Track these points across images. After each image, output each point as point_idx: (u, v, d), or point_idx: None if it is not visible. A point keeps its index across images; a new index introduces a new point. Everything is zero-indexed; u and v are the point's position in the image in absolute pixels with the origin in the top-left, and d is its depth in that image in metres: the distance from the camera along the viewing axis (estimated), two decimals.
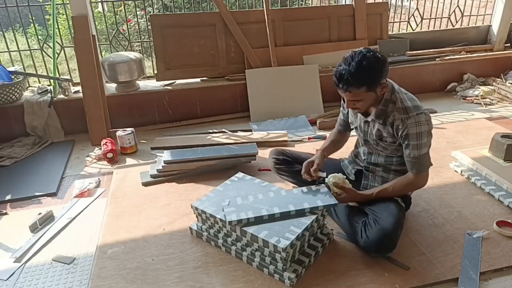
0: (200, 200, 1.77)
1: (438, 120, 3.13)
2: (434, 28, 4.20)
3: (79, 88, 3.07)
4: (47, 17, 4.28)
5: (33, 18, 3.44)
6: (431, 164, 1.72)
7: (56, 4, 3.09)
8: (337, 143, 2.05)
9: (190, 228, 1.86)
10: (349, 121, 1.93)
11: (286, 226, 1.56)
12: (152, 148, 2.81)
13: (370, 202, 1.76)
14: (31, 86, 3.35)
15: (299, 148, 2.67)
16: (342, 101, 1.92)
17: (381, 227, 1.60)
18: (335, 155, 2.16)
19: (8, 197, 2.25)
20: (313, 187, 1.78)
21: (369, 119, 1.74)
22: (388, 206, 1.70)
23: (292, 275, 1.52)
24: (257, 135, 2.94)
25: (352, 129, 1.95)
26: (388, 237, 1.60)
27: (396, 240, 1.64)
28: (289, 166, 2.11)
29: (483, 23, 4.20)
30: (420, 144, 1.64)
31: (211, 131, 3.08)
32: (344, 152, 2.16)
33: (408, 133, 1.63)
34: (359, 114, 1.80)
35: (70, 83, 3.17)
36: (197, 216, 1.80)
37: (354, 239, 1.73)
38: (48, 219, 2.03)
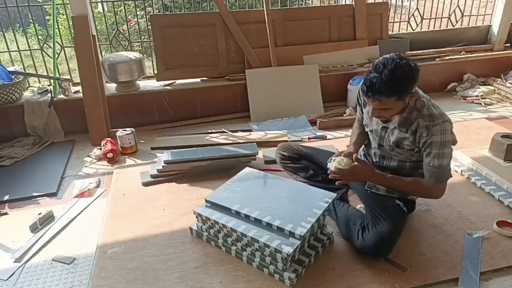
0: (213, 195, 1.78)
1: None
2: (434, 28, 4.20)
3: (79, 88, 3.07)
4: (47, 17, 4.29)
5: (33, 18, 3.45)
6: (451, 176, 1.66)
7: (56, 4, 3.09)
8: (364, 134, 1.94)
9: (190, 228, 1.86)
10: (364, 122, 1.88)
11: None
12: (152, 148, 2.81)
13: (380, 183, 1.73)
14: (31, 86, 3.35)
15: None
16: (357, 102, 1.88)
17: (378, 231, 1.59)
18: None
19: (8, 197, 2.25)
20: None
21: (390, 126, 1.69)
22: (389, 210, 1.68)
23: (292, 275, 1.52)
24: (255, 135, 2.94)
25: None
26: (384, 242, 1.59)
27: (392, 245, 1.62)
28: (295, 162, 2.10)
29: (483, 23, 4.20)
30: (442, 153, 1.57)
31: (210, 131, 3.08)
32: None
33: (432, 141, 1.57)
34: (380, 121, 1.72)
35: (70, 83, 3.17)
36: (197, 217, 1.80)
37: (350, 240, 1.72)
38: (48, 219, 2.03)
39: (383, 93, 1.48)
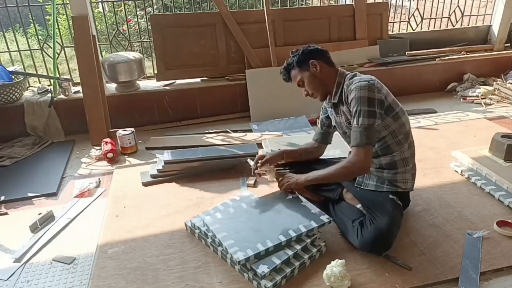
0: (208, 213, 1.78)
1: (438, 120, 3.13)
2: (434, 28, 4.21)
3: (79, 88, 3.07)
4: (47, 17, 4.28)
5: (33, 18, 3.45)
6: (372, 144, 1.63)
7: (56, 4, 3.09)
8: (307, 152, 2.09)
9: (185, 224, 1.87)
10: (332, 123, 1.95)
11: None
12: (147, 148, 2.80)
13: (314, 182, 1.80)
14: (31, 86, 3.35)
15: None
16: (321, 111, 2.04)
17: (375, 226, 1.61)
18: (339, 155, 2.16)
19: (8, 197, 2.24)
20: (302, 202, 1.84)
21: (335, 102, 1.81)
22: (384, 205, 1.69)
23: (269, 283, 1.46)
24: (251, 136, 2.93)
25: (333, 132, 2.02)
26: (383, 236, 1.60)
27: (391, 239, 1.63)
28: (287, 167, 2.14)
29: (483, 23, 4.21)
30: (359, 110, 1.61)
31: (207, 131, 3.08)
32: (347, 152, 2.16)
33: (351, 98, 1.65)
34: (333, 111, 1.87)
35: (70, 83, 3.17)
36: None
37: (351, 239, 1.73)
38: (48, 219, 2.03)
39: (288, 68, 1.86)
